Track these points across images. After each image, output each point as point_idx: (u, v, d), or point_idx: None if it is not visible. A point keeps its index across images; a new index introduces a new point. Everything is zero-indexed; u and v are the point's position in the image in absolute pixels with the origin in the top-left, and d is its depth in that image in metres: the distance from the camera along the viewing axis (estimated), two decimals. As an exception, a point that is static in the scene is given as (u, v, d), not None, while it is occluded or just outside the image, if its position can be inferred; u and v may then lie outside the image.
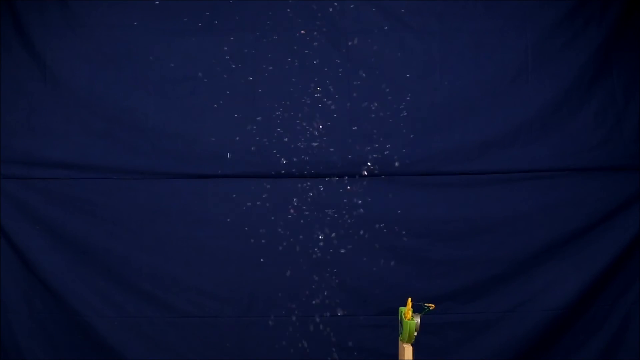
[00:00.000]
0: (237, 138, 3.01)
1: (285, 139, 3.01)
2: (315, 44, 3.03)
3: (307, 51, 3.03)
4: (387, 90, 3.03)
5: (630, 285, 3.07)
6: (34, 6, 3.01)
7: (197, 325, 3.03)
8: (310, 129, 3.01)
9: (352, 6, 3.04)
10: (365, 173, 3.02)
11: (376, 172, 3.02)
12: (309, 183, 3.02)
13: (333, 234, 3.00)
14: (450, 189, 3.06)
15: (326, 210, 3.01)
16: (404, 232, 3.03)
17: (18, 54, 3.02)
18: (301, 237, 3.00)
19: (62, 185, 3.02)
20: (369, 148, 3.02)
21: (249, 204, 3.01)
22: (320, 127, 3.01)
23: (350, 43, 3.04)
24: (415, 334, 2.16)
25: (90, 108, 3.03)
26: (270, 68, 3.02)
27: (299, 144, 3.01)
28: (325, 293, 3.00)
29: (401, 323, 2.18)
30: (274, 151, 3.01)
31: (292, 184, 3.02)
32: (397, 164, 3.02)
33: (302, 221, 3.01)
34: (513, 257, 3.05)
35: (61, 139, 3.03)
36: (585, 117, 3.08)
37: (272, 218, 3.01)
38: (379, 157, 3.02)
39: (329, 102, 3.02)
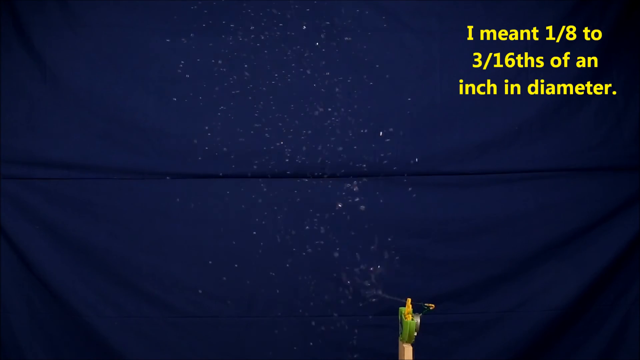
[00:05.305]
0: (237, 138, 3.01)
1: (285, 139, 3.01)
2: (316, 44, 3.03)
3: (307, 51, 3.03)
4: (387, 90, 3.03)
5: (630, 285, 3.07)
6: (34, 6, 3.01)
7: (197, 325, 3.03)
8: (310, 129, 3.01)
9: (352, 6, 3.04)
10: (365, 173, 3.02)
11: (376, 172, 3.02)
12: (308, 183, 3.02)
13: (333, 234, 3.00)
14: (450, 189, 3.06)
15: (326, 210, 3.01)
16: (404, 232, 3.03)
17: (18, 54, 3.02)
18: (301, 237, 3.00)
19: (62, 185, 3.02)
20: (368, 148, 3.02)
21: (249, 203, 3.01)
22: (320, 127, 3.01)
23: (350, 43, 3.04)
24: (415, 334, 2.17)
25: (90, 108, 3.03)
26: (270, 68, 3.02)
27: (298, 144, 3.01)
28: (325, 293, 3.00)
29: (401, 323, 2.18)
30: (274, 151, 3.01)
31: (291, 184, 3.02)
32: (396, 163, 3.02)
33: (302, 221, 3.01)
34: (513, 257, 3.05)
35: (61, 139, 3.02)
36: (585, 117, 3.08)
37: (272, 218, 3.00)
38: (379, 157, 3.01)
39: (329, 103, 3.01)
